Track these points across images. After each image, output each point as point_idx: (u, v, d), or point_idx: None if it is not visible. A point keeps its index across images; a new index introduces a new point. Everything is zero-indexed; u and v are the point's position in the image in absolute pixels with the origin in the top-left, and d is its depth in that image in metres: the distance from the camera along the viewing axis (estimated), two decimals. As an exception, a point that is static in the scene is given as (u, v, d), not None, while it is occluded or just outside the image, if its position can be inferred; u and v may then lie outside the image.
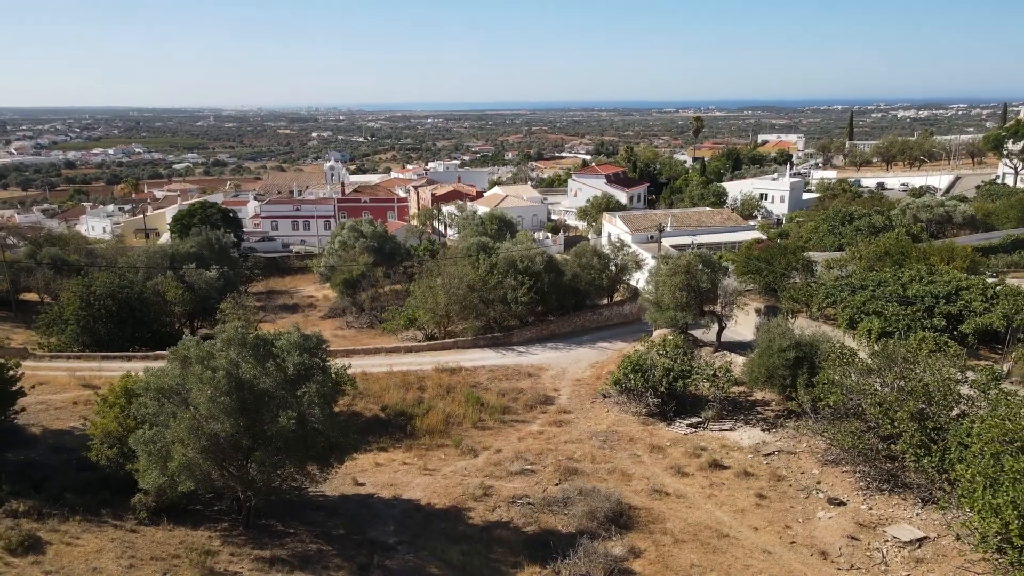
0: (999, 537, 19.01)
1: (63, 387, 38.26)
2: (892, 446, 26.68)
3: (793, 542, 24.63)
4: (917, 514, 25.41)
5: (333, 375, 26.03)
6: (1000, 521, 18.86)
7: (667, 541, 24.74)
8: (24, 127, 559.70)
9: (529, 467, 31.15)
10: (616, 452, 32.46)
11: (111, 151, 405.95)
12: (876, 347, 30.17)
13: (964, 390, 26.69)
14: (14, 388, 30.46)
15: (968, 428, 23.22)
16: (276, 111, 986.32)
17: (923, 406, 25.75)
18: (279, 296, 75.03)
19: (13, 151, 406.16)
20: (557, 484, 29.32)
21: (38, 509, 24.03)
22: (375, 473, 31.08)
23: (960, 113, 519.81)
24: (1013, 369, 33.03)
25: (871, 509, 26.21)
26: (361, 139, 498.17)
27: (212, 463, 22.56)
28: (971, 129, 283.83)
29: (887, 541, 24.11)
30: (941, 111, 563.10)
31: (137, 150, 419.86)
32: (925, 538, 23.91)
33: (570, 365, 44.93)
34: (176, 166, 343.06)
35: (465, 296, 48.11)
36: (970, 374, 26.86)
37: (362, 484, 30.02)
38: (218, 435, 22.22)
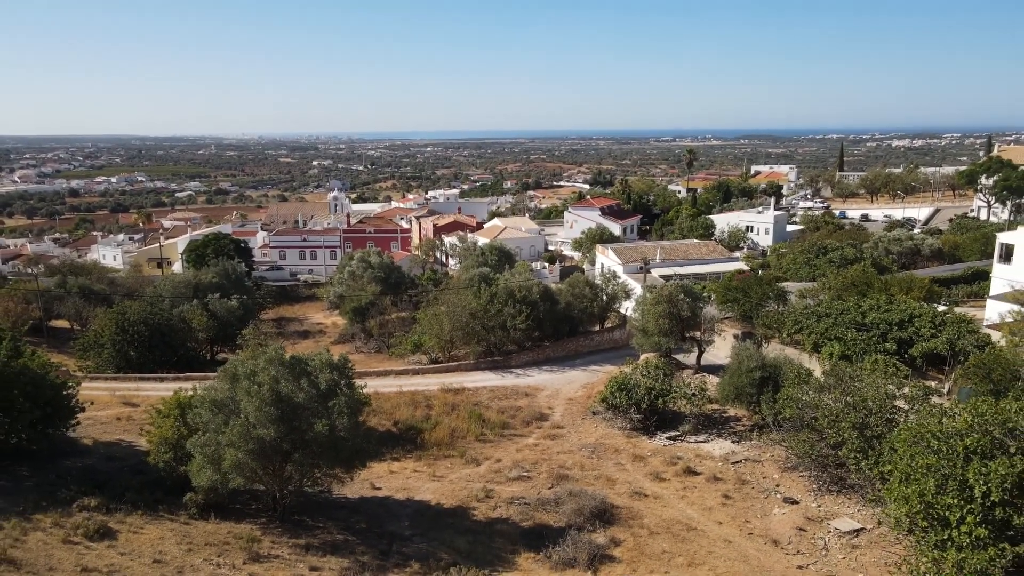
0: (908, 520, 23.21)
1: (106, 405, 42.39)
2: (839, 452, 30.88)
3: (751, 533, 28.77)
4: (858, 510, 29.61)
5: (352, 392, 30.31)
6: (908, 507, 23.08)
7: (643, 533, 28.85)
8: (27, 155, 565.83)
9: (526, 474, 35.26)
10: (603, 461, 36.60)
11: (114, 179, 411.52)
12: (828, 368, 34.48)
13: (901, 404, 31.03)
14: (71, 403, 34.60)
15: (898, 435, 27.45)
16: (277, 139, 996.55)
17: (863, 417, 30.02)
18: (289, 323, 79.24)
19: (17, 179, 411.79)
20: (550, 488, 33.39)
21: (105, 505, 28.02)
22: (389, 479, 35.17)
23: (954, 143, 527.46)
24: (953, 388, 37.32)
25: (820, 507, 30.40)
26: (361, 167, 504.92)
27: (258, 463, 26.78)
28: (964, 158, 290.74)
29: (830, 532, 28.27)
30: (935, 140, 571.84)
31: (140, 178, 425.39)
32: (862, 529, 28.11)
33: (563, 386, 49.15)
34: (179, 194, 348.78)
35: (468, 323, 52.46)
36: (906, 390, 31.18)
37: (378, 488, 34.07)
38: (264, 439, 26.38)
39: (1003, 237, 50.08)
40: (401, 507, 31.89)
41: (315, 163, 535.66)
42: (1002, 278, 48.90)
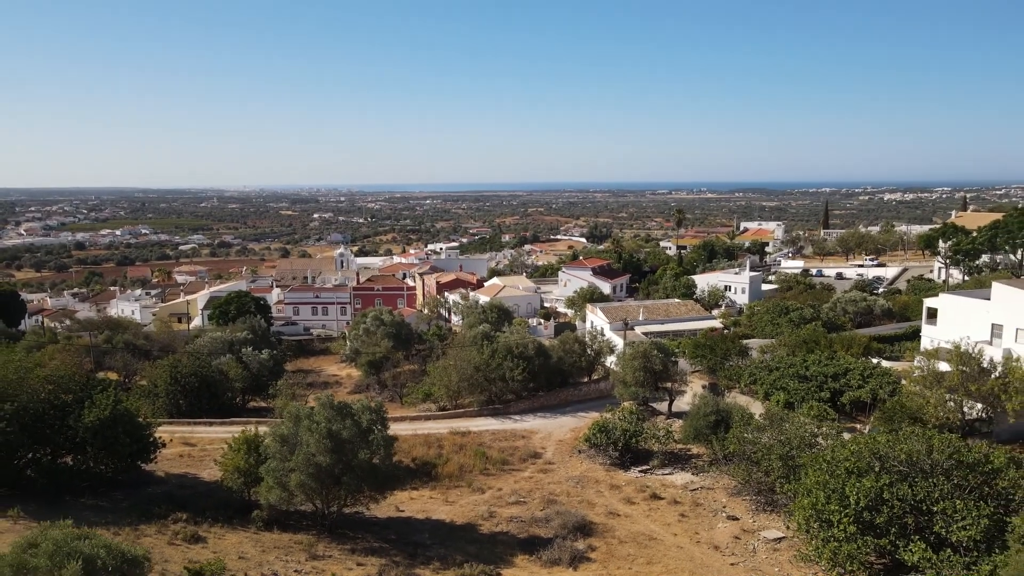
0: (806, 524, 31.26)
1: (169, 445, 50.10)
2: (769, 478, 38.88)
3: (698, 542, 36.61)
4: (783, 523, 37.53)
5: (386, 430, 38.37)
6: (806, 514, 31.14)
7: (614, 542, 36.70)
8: (32, 208, 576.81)
9: (522, 500, 43.09)
10: (585, 490, 44.49)
11: (119, 232, 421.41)
12: (766, 411, 42.65)
13: (821, 440, 39.17)
14: (153, 441, 42.44)
15: (806, 461, 35.57)
16: (278, 192, 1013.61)
17: (787, 450, 38.12)
18: (307, 375, 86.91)
19: (23, 232, 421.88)
20: (542, 510, 41.15)
21: (193, 519, 35.93)
22: (410, 504, 42.99)
23: (944, 196, 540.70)
24: (872, 428, 45.40)
25: (755, 522, 38.31)
26: (362, 220, 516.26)
27: (316, 484, 34.76)
28: (953, 212, 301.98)
29: (759, 540, 36.13)
30: (925, 195, 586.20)
31: (144, 231, 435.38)
32: (783, 537, 36.01)
33: (555, 430, 57.10)
34: (182, 247, 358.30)
35: (472, 375, 60.61)
36: (823, 428, 39.40)
37: (402, 511, 41.88)
38: (320, 465, 34.39)
39: (928, 302, 58.59)
40: (421, 524, 39.69)
41: (316, 216, 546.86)
42: (929, 336, 57.22)
